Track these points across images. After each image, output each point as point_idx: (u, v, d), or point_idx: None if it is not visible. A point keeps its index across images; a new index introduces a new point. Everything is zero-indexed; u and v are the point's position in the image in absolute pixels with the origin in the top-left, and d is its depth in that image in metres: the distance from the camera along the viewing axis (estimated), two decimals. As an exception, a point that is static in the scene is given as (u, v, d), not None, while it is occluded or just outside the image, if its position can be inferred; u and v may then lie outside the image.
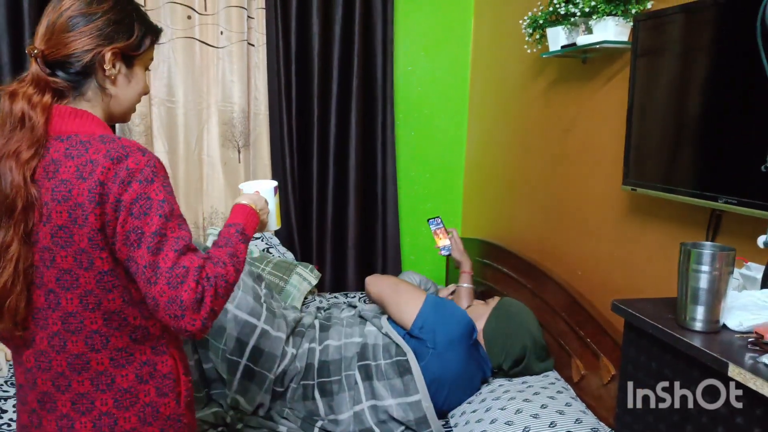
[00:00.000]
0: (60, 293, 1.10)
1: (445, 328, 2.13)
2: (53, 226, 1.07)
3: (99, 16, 1.13)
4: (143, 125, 2.95)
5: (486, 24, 3.18)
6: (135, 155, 1.08)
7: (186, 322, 1.06)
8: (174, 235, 1.09)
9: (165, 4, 2.92)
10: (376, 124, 3.22)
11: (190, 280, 1.06)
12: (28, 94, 1.08)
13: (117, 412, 1.15)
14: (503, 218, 3.00)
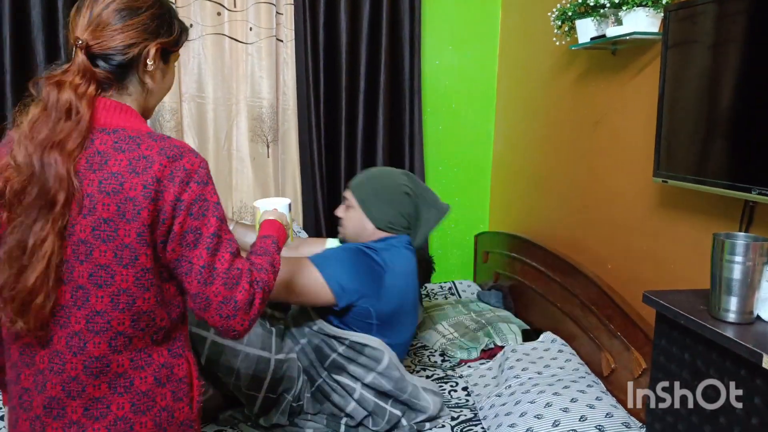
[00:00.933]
0: (90, 290, 1.06)
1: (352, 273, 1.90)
2: (97, 218, 1.04)
3: (144, 11, 1.13)
4: (174, 121, 2.99)
5: (514, 17, 3.17)
6: (189, 156, 1.09)
7: (237, 322, 1.10)
8: (227, 237, 1.12)
9: (195, 1, 2.96)
10: (403, 118, 3.22)
11: (244, 282, 1.10)
12: (75, 84, 1.06)
13: (134, 417, 1.10)
14: (531, 212, 2.99)
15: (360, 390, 1.91)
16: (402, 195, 2.02)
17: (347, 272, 1.85)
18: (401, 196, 2.01)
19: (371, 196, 2.01)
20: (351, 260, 1.89)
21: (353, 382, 1.92)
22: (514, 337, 2.53)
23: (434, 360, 2.48)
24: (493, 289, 3.02)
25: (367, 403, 1.92)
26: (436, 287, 3.23)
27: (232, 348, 1.82)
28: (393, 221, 2.01)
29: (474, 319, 2.70)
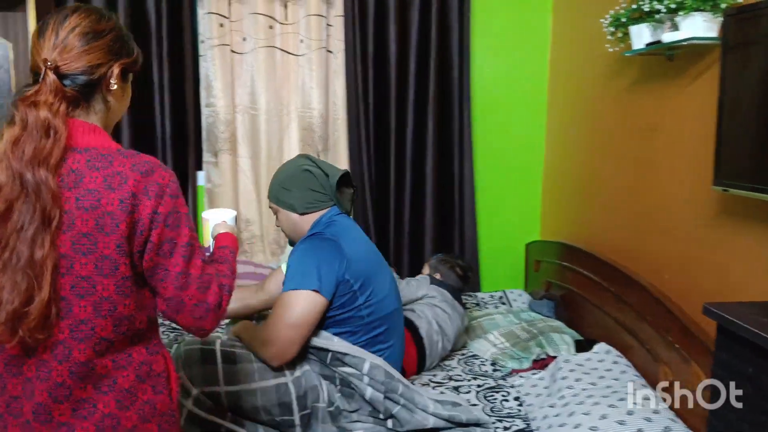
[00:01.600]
0: (73, 300, 1.11)
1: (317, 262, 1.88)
2: (76, 233, 1.09)
3: (107, 33, 1.18)
4: (228, 132, 3.07)
5: (565, 23, 3.13)
6: (159, 170, 1.15)
7: (207, 322, 1.22)
8: (197, 245, 1.21)
9: (248, 15, 3.03)
10: (452, 126, 3.22)
11: (214, 286, 1.22)
12: (49, 102, 1.11)
13: (119, 413, 1.17)
14: (583, 220, 2.94)
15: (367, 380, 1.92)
16: (302, 173, 2.02)
17: (315, 268, 1.87)
18: (303, 174, 2.02)
19: (280, 191, 2.03)
20: (309, 257, 1.90)
21: (359, 378, 1.92)
22: (567, 348, 2.49)
23: (485, 369, 2.46)
24: (544, 298, 2.99)
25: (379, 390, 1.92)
26: (486, 296, 3.21)
27: (247, 391, 1.83)
28: (309, 200, 2.02)
29: (525, 329, 2.67)
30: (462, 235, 3.30)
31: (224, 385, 1.80)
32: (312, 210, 2.02)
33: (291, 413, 1.86)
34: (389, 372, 1.93)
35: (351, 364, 1.90)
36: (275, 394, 1.84)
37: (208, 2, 2.98)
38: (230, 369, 1.82)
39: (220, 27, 3.00)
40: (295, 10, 3.05)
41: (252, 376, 1.83)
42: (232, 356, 1.85)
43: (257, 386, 1.83)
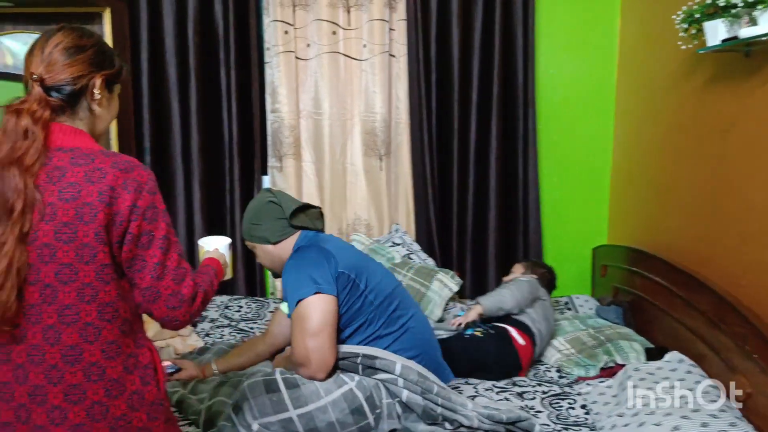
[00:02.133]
0: (58, 287, 1.20)
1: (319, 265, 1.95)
2: (57, 223, 1.19)
3: (89, 48, 1.29)
4: (292, 137, 3.13)
5: (634, 21, 3.04)
6: (138, 169, 1.25)
7: (180, 313, 1.29)
8: (175, 240, 1.29)
9: (312, 22, 3.08)
10: (517, 128, 3.18)
11: (188, 279, 1.30)
12: (32, 110, 1.23)
13: (108, 401, 1.25)
14: (653, 224, 2.84)
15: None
16: (267, 204, 2.10)
17: (307, 275, 1.91)
18: (267, 206, 2.10)
19: (251, 227, 2.11)
20: (298, 269, 1.96)
21: (394, 382, 1.94)
22: (636, 356, 2.41)
23: (550, 376, 2.41)
24: (612, 304, 2.90)
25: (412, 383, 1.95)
26: (552, 301, 3.14)
27: (318, 408, 1.83)
28: (279, 229, 2.08)
29: (592, 336, 2.60)
30: (526, 238, 3.25)
31: (294, 410, 1.81)
32: (284, 237, 2.08)
33: (365, 416, 1.88)
34: (422, 372, 1.95)
35: (382, 367, 1.92)
36: (345, 403, 1.86)
37: (273, 10, 3.04)
38: (295, 393, 1.83)
39: (285, 34, 3.06)
40: (358, 15, 3.08)
41: (318, 394, 1.84)
42: (293, 381, 1.86)
43: (326, 401, 1.84)
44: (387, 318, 2.03)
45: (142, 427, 1.29)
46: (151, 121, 3.08)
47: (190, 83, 3.08)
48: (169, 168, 3.14)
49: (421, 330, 2.11)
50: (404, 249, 3.13)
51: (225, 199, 3.21)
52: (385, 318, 2.03)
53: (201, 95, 3.10)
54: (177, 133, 3.12)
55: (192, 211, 3.17)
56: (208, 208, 3.19)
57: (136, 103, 3.06)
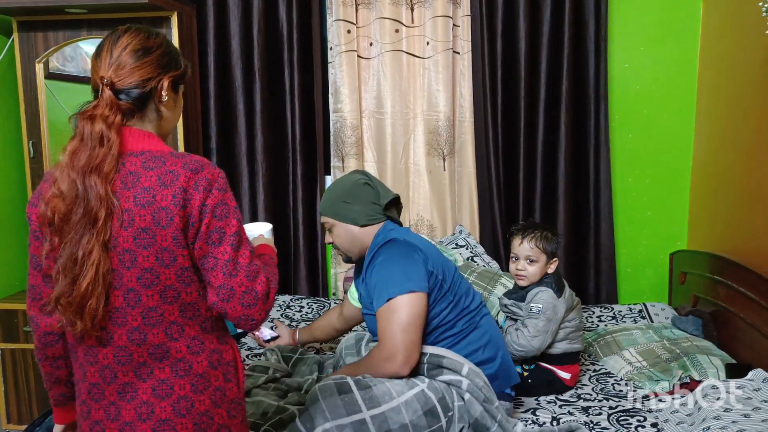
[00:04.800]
0: (141, 291, 1.22)
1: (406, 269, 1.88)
2: (136, 229, 1.20)
3: (155, 50, 1.30)
4: (354, 137, 3.10)
5: (718, 10, 2.83)
6: (209, 168, 1.26)
7: (256, 311, 1.27)
8: (246, 237, 1.28)
9: (375, 20, 3.04)
10: (588, 127, 3.03)
11: (262, 276, 1.28)
12: (105, 116, 1.23)
13: (193, 396, 1.27)
14: (740, 230, 2.63)
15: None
16: (362, 186, 2.05)
17: (402, 272, 1.87)
18: (363, 187, 2.05)
19: (340, 205, 2.04)
20: (392, 264, 1.91)
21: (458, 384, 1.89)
22: (715, 372, 2.23)
23: (619, 389, 2.26)
24: (691, 314, 2.70)
25: None
26: (624, 309, 2.97)
27: (392, 409, 1.78)
28: (369, 212, 2.03)
29: (667, 348, 2.43)
30: (598, 242, 3.09)
31: (367, 411, 1.77)
32: (372, 222, 2.04)
33: (438, 418, 1.83)
34: (487, 382, 1.89)
35: (449, 366, 1.89)
36: (418, 404, 1.82)
37: (336, 9, 3.02)
38: (367, 394, 1.80)
39: (348, 33, 3.03)
40: (422, 12, 3.02)
41: (390, 394, 1.81)
42: (365, 382, 1.83)
43: (398, 402, 1.81)
44: (469, 318, 1.99)
45: (222, 424, 1.31)
46: (218, 122, 3.13)
47: (255, 84, 3.11)
48: (235, 168, 3.18)
49: (496, 329, 2.07)
50: (468, 251, 3.04)
51: (288, 200, 3.22)
52: (467, 317, 1.99)
53: (265, 96, 3.13)
54: (242, 134, 3.16)
55: (256, 211, 3.20)
56: (273, 208, 3.21)
57: (203, 105, 3.12)
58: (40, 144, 2.88)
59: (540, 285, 2.23)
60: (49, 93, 2.87)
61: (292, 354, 2.34)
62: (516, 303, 2.29)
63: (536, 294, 2.21)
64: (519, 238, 2.28)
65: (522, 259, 2.26)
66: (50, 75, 2.88)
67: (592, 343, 2.59)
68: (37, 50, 2.83)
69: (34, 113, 2.86)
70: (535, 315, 2.18)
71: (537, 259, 2.24)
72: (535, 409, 2.12)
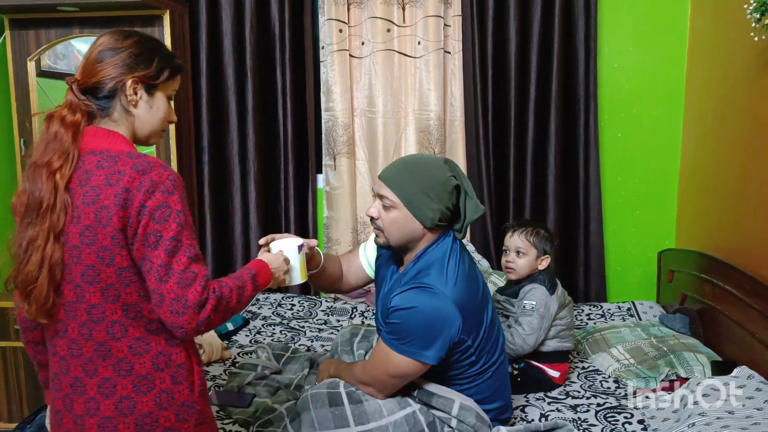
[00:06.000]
0: (84, 287, 1.24)
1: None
2: (81, 226, 1.23)
3: (123, 50, 1.32)
4: (346, 135, 3.11)
5: (706, 12, 2.85)
6: (158, 169, 1.25)
7: (185, 319, 1.23)
8: (188, 242, 1.26)
9: (366, 20, 3.06)
10: (577, 126, 3.05)
11: (197, 285, 1.24)
12: (62, 115, 1.28)
13: (135, 396, 1.27)
14: (726, 228, 2.66)
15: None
16: (451, 190, 1.73)
17: (427, 339, 1.69)
18: (450, 191, 1.73)
19: (419, 195, 1.70)
20: (426, 324, 1.69)
21: (448, 421, 1.81)
22: (701, 369, 2.25)
23: (607, 386, 2.29)
24: (678, 312, 2.73)
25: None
26: (612, 307, 3.00)
27: (379, 427, 1.76)
28: (443, 217, 1.74)
29: (654, 345, 2.46)
30: (587, 241, 3.11)
31: (355, 426, 1.76)
32: (439, 229, 1.77)
33: None
34: (480, 415, 1.82)
35: (438, 406, 1.79)
36: (407, 425, 1.78)
37: (328, 9, 3.03)
38: (358, 409, 1.78)
39: (340, 32, 3.05)
40: (413, 12, 3.03)
41: (380, 412, 1.78)
42: (356, 396, 1.80)
43: (387, 421, 1.78)
44: (485, 370, 1.86)
45: (169, 427, 1.30)
46: (209, 120, 3.13)
47: (247, 83, 3.12)
48: (226, 167, 3.19)
49: (506, 378, 1.96)
50: (458, 250, 3.06)
51: (280, 198, 3.23)
52: (484, 370, 1.86)
53: (257, 95, 3.13)
54: (234, 133, 3.16)
55: (248, 209, 3.20)
56: (264, 206, 3.22)
57: (195, 103, 3.12)
58: (31, 142, 2.88)
59: (533, 282, 2.25)
60: (41, 91, 2.87)
61: (283, 352, 2.35)
62: (509, 299, 2.31)
63: (529, 291, 2.23)
64: (511, 232, 2.31)
65: (512, 251, 2.28)
66: (42, 73, 2.88)
67: (581, 340, 2.61)
68: (29, 48, 2.83)
69: (25, 111, 2.86)
70: (528, 312, 2.20)
71: (526, 252, 2.26)
72: (524, 406, 2.14)
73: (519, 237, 2.27)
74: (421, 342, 1.68)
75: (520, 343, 2.19)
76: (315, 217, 3.26)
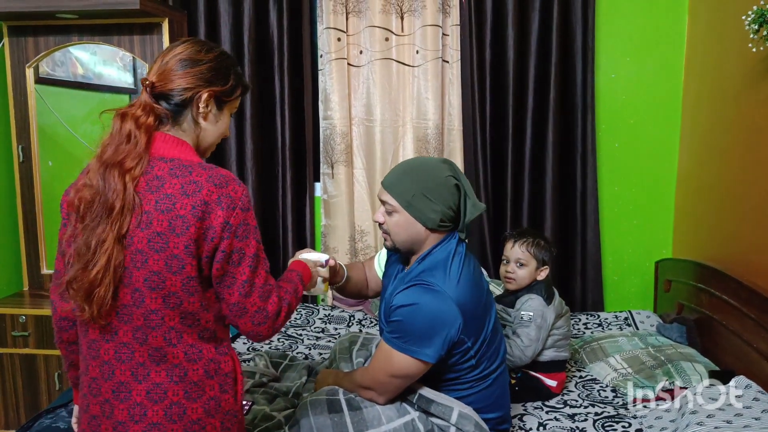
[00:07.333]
0: (145, 292, 1.24)
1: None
2: (152, 232, 1.23)
3: (203, 63, 1.34)
4: (344, 144, 3.11)
5: (703, 22, 2.87)
6: (233, 184, 1.28)
7: (265, 328, 1.32)
8: (263, 256, 1.32)
9: (365, 29, 3.07)
10: (575, 136, 3.06)
11: (274, 296, 1.33)
12: (136, 116, 1.28)
13: (186, 403, 1.28)
14: (723, 238, 2.66)
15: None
16: (451, 189, 1.74)
17: (429, 338, 1.70)
18: (450, 190, 1.74)
19: (419, 197, 1.73)
20: (428, 322, 1.70)
21: (446, 429, 1.80)
22: (699, 379, 2.25)
23: (604, 395, 2.29)
24: (675, 322, 2.74)
25: None
26: (610, 316, 3.00)
27: None
28: (445, 218, 1.75)
29: (652, 355, 2.46)
30: (584, 250, 3.12)
31: None
32: (442, 230, 1.77)
33: None
34: (479, 423, 1.81)
35: (437, 413, 1.79)
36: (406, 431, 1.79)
37: (326, 17, 3.04)
38: (357, 416, 1.77)
39: (338, 41, 3.06)
40: (411, 21, 3.04)
41: (379, 419, 1.78)
42: (355, 403, 1.80)
43: (386, 428, 1.78)
44: (485, 377, 1.86)
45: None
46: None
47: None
48: (224, 174, 3.19)
49: (506, 387, 1.96)
50: (456, 258, 3.06)
51: (278, 205, 3.23)
52: (483, 377, 1.86)
53: (255, 102, 3.14)
54: (232, 140, 3.16)
55: (245, 217, 3.20)
56: (262, 214, 3.21)
57: (193, 111, 3.12)
58: (29, 148, 2.87)
59: (530, 292, 2.25)
60: (39, 98, 2.87)
61: (281, 360, 2.35)
62: (505, 309, 2.31)
63: (526, 301, 2.23)
64: (511, 242, 2.30)
65: (512, 262, 2.28)
66: (40, 80, 2.88)
67: (579, 349, 2.62)
68: (28, 55, 2.83)
69: (23, 118, 2.86)
70: (525, 323, 2.20)
71: (526, 264, 2.26)
72: (522, 415, 2.13)
73: (519, 248, 2.27)
74: (422, 340, 1.69)
75: (518, 354, 2.18)
76: (313, 225, 3.26)
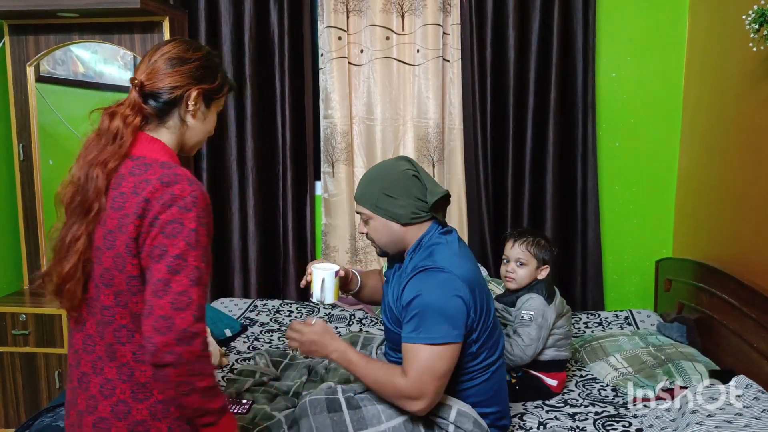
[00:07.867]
0: (102, 288, 1.26)
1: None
2: (106, 229, 1.25)
3: (192, 62, 1.35)
4: (344, 143, 3.12)
5: (703, 22, 2.87)
6: (182, 183, 1.24)
7: (162, 341, 1.16)
8: (194, 263, 1.21)
9: (365, 28, 3.07)
10: (575, 135, 3.07)
11: (189, 312, 1.18)
12: (125, 115, 1.29)
13: (132, 403, 1.27)
14: (723, 237, 2.67)
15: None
16: (409, 178, 1.78)
17: (446, 318, 1.70)
18: (410, 180, 1.78)
19: (382, 198, 1.78)
20: (440, 304, 1.71)
21: (446, 427, 1.80)
22: (699, 378, 2.25)
23: (605, 395, 2.29)
24: (676, 321, 2.74)
25: None
26: (610, 315, 3.00)
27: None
28: (414, 210, 1.78)
29: (652, 354, 2.46)
30: (585, 250, 3.12)
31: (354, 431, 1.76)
32: (416, 221, 1.80)
33: None
34: (477, 421, 1.81)
35: (436, 411, 1.78)
36: (405, 431, 1.78)
37: (327, 16, 3.04)
38: (357, 414, 1.77)
39: (338, 40, 3.06)
40: (412, 20, 3.04)
41: (379, 418, 1.77)
42: (355, 401, 1.80)
43: (386, 426, 1.77)
44: (492, 341, 1.87)
45: None
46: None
47: (246, 90, 3.13)
48: (225, 173, 3.19)
49: (503, 383, 1.96)
50: (456, 258, 3.06)
51: (278, 204, 3.23)
52: (490, 342, 1.87)
53: (256, 101, 3.14)
54: (233, 139, 3.17)
55: (246, 216, 3.20)
56: (262, 213, 3.22)
57: (194, 110, 3.12)
58: (30, 147, 2.87)
59: (531, 291, 2.25)
60: (40, 96, 2.87)
61: (281, 359, 2.35)
62: (506, 308, 2.31)
63: (526, 300, 2.23)
64: (512, 242, 2.30)
65: (512, 261, 2.28)
66: (41, 78, 2.88)
67: (579, 349, 2.62)
68: (28, 53, 2.83)
69: (24, 116, 2.86)
70: (526, 322, 2.20)
71: (527, 263, 2.26)
72: (522, 414, 2.13)
73: (520, 247, 2.27)
74: (445, 321, 1.68)
75: (519, 353, 2.18)
76: (313, 224, 3.26)
